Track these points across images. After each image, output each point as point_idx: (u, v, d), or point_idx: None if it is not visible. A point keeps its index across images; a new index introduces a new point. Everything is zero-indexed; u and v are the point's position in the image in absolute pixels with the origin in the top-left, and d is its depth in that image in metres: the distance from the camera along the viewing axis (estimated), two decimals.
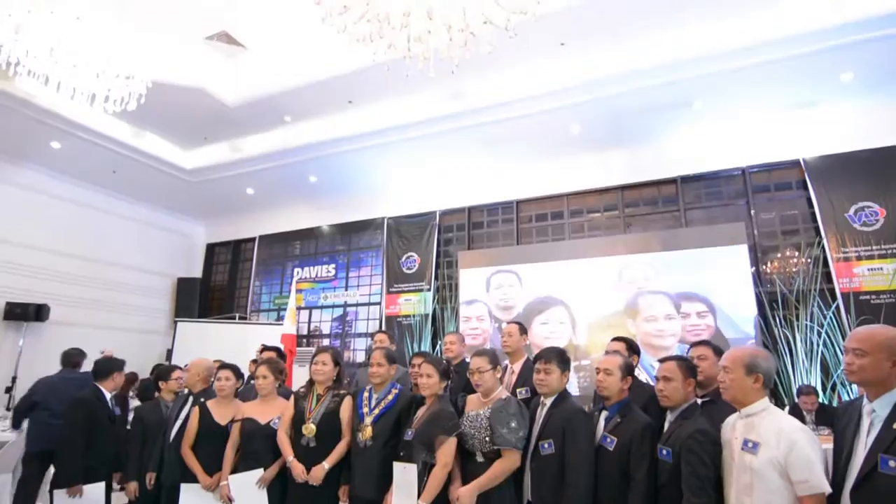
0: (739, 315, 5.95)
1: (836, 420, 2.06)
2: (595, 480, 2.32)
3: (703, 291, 6.18)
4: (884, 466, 1.68)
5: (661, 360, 2.40)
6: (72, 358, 5.09)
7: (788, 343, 5.89)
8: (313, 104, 6.92)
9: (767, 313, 6.06)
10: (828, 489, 1.78)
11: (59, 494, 3.26)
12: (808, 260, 6.09)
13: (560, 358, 2.62)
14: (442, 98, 6.66)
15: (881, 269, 5.78)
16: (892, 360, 1.76)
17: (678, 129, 6.81)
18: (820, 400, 5.13)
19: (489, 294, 7.45)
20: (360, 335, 8.59)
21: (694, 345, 2.75)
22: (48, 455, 4.09)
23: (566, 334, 6.75)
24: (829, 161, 6.18)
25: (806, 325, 5.85)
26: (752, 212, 6.59)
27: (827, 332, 5.76)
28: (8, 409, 7.31)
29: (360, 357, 8.29)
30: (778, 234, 6.48)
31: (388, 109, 6.94)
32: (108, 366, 3.62)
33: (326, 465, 2.90)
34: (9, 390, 7.63)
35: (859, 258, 5.86)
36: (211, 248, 10.88)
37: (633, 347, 3.16)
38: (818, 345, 5.76)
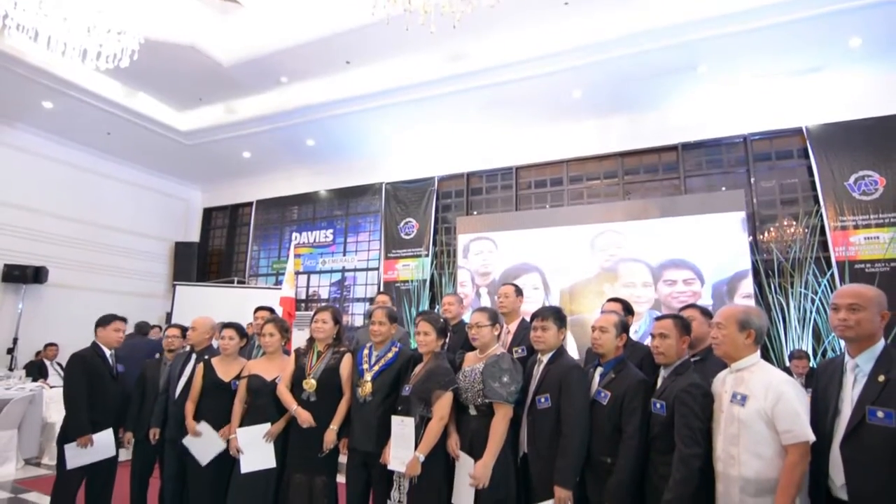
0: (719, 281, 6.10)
1: (816, 378, 2.12)
2: (589, 433, 2.39)
3: (689, 259, 6.30)
4: (872, 417, 1.74)
5: (657, 319, 2.44)
6: (143, 328, 6.65)
7: (782, 310, 5.97)
8: (310, 64, 6.77)
9: (763, 280, 6.11)
10: (811, 437, 1.84)
11: (71, 447, 3.33)
12: (806, 229, 6.11)
13: (556, 315, 2.65)
14: (442, 59, 6.53)
15: (877, 237, 5.81)
16: (881, 313, 1.85)
17: (681, 94, 6.71)
18: (811, 364, 5.23)
19: (468, 260, 7.57)
20: (358, 300, 8.65)
21: (683, 308, 2.81)
22: None
23: (540, 299, 6.87)
24: (832, 129, 6.13)
25: (800, 292, 5.91)
26: (752, 180, 6.57)
27: (820, 300, 5.83)
28: (10, 369, 7.42)
29: (359, 321, 8.37)
30: (777, 202, 6.48)
31: (386, 70, 6.80)
32: (99, 322, 3.67)
33: (334, 426, 2.96)
34: (10, 351, 7.72)
35: (856, 227, 5.89)
36: (208, 213, 10.84)
37: (628, 308, 3.20)
38: (811, 312, 5.84)
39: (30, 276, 7.74)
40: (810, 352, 5.61)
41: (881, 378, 1.77)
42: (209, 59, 6.67)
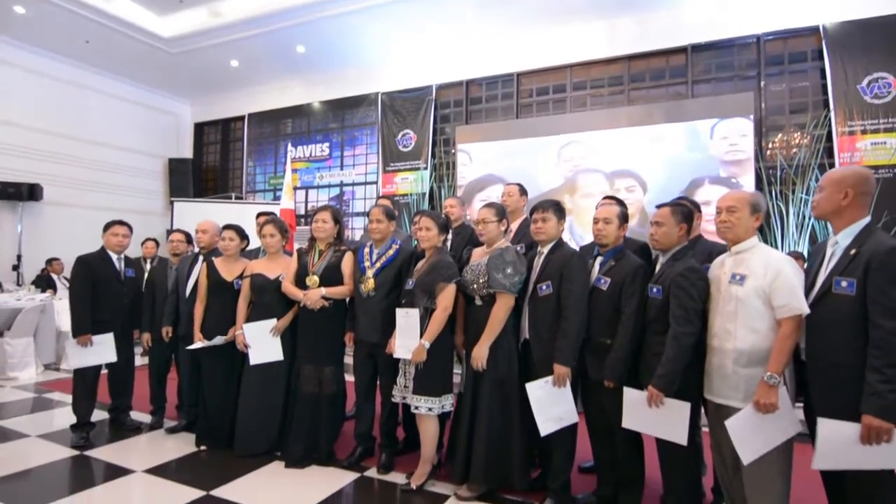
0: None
1: (807, 261, 2.19)
2: (589, 317, 2.47)
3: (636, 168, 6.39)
4: (837, 287, 1.84)
5: (657, 207, 2.45)
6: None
7: (781, 216, 5.99)
8: None
9: (764, 188, 6.08)
10: (806, 310, 1.91)
11: (71, 344, 3.47)
12: (812, 135, 5.98)
13: (556, 207, 2.68)
14: None
15: (885, 143, 5.70)
16: (842, 192, 1.93)
17: None
18: (805, 266, 5.33)
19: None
20: (357, 214, 8.64)
21: (677, 198, 2.84)
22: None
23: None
24: (850, 28, 5.81)
25: (801, 198, 5.89)
26: (763, 83, 6.33)
27: None
28: (18, 284, 7.56)
29: (358, 236, 8.40)
30: (786, 107, 6.28)
31: None
32: (104, 227, 3.71)
33: (324, 290, 3.07)
34: (15, 268, 7.83)
35: (864, 132, 5.76)
36: (199, 128, 10.51)
37: (621, 204, 3.22)
38: (809, 218, 5.86)
39: (24, 193, 7.66)
40: (806, 255, 5.70)
41: (852, 252, 1.85)
42: None
